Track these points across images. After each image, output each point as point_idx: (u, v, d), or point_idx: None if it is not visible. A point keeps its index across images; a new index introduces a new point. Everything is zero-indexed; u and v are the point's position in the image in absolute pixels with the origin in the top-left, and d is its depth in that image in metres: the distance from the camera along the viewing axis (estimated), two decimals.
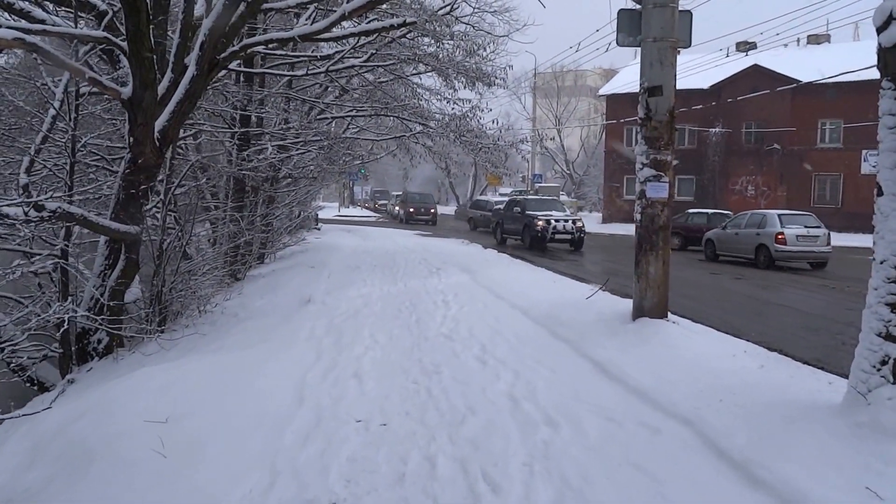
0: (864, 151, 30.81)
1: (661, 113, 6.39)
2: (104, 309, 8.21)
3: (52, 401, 6.37)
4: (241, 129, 12.04)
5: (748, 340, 7.09)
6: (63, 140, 8.17)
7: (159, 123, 7.80)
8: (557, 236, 21.16)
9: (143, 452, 4.09)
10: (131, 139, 7.49)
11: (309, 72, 8.94)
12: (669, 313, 6.87)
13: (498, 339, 7.07)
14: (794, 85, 30.19)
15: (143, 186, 8.24)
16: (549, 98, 51.43)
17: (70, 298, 8.25)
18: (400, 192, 51.18)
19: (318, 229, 29.17)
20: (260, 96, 13.75)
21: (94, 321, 7.95)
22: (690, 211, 25.31)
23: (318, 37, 7.41)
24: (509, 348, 6.68)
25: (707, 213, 24.44)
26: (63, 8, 8.49)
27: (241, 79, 12.72)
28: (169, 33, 8.38)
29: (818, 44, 35.29)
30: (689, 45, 6.55)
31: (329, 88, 16.77)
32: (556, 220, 21.15)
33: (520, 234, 22.14)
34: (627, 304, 7.97)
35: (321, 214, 34.60)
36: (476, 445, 4.20)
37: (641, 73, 6.47)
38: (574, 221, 21.59)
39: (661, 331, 6.37)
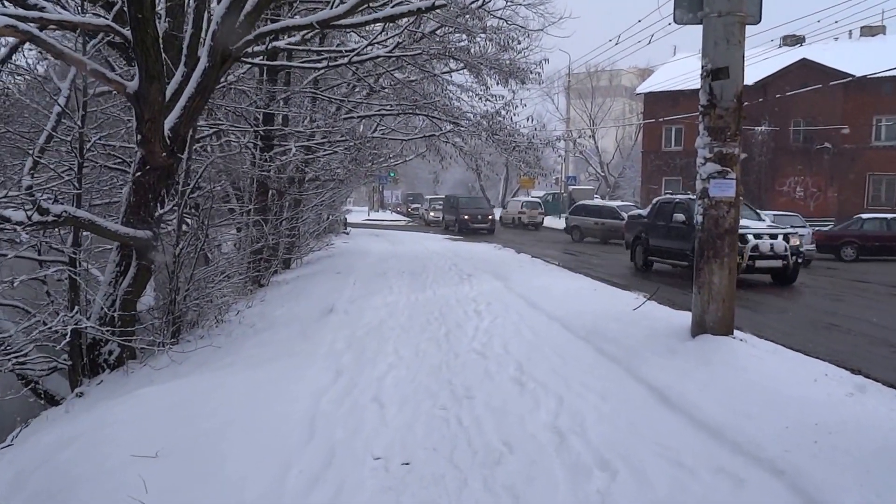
0: None
1: (728, 99, 5.58)
2: (115, 319, 7.77)
3: (13, 437, 5.84)
4: (264, 128, 11.53)
5: (822, 359, 6.23)
6: (69, 139, 7.72)
7: (170, 121, 7.29)
8: (762, 263, 12.77)
9: (123, 495, 3.50)
10: (139, 137, 6.98)
11: (331, 64, 8.35)
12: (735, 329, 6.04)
13: (536, 357, 6.34)
14: (847, 80, 28.71)
15: (156, 189, 7.77)
16: (583, 98, 50.28)
17: (78, 308, 7.79)
18: (434, 196, 48.11)
19: (347, 233, 28.77)
20: (283, 95, 13.29)
21: (103, 332, 7.49)
22: (864, 216, 21.79)
23: (339, 22, 6.79)
24: (550, 368, 5.94)
25: (886, 218, 21.19)
26: None
27: (265, 76, 12.25)
28: (186, 26, 7.89)
29: (872, 35, 33.54)
30: (759, 21, 5.73)
31: (357, 88, 16.26)
32: (763, 236, 12.81)
33: (685, 255, 13.13)
34: (682, 317, 7.15)
35: (350, 218, 34.26)
36: (516, 496, 3.48)
37: (703, 53, 5.68)
38: (787, 237, 12.96)
39: (727, 350, 5.56)
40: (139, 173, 7.53)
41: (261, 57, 9.37)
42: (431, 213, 41.37)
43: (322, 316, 8.58)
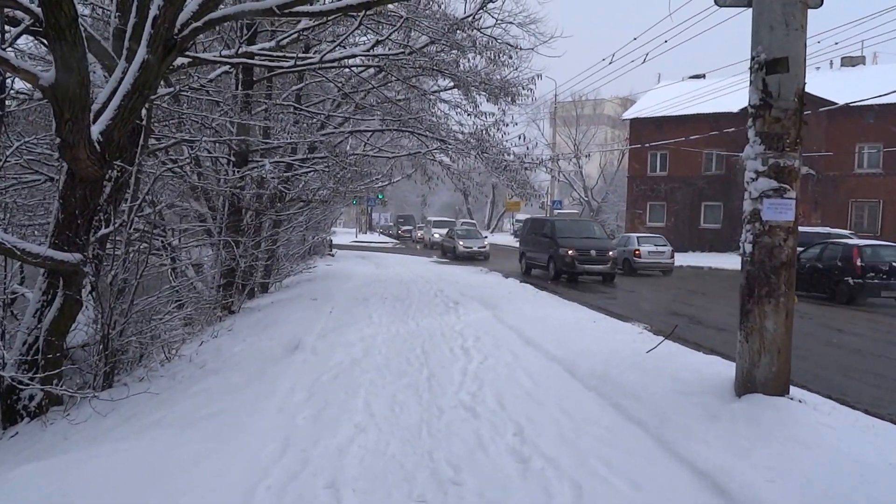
0: None
1: (787, 98, 4.23)
2: (38, 358, 6.24)
3: None
4: (236, 138, 10.09)
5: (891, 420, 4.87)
6: None
7: (101, 123, 5.84)
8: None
9: None
10: (58, 141, 5.52)
11: (298, 64, 6.98)
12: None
13: (540, 417, 4.88)
14: (830, 107, 27.91)
15: (86, 204, 6.28)
16: (568, 126, 49.53)
17: None
18: (439, 218, 43.57)
19: (333, 255, 27.24)
20: (261, 108, 11.89)
21: (16, 378, 5.94)
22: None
23: (302, 9, 5.43)
24: (558, 434, 4.49)
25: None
26: None
27: (240, 85, 10.85)
28: (129, 14, 6.49)
29: (853, 66, 32.90)
30: (821, 4, 4.43)
31: (342, 106, 14.91)
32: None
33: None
34: (713, 365, 5.75)
35: (337, 240, 32.75)
36: None
37: (754, 42, 4.35)
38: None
39: (789, 417, 4.14)
40: (66, 185, 6.08)
41: (217, 54, 7.97)
42: (436, 236, 35.74)
43: (286, 354, 7.08)
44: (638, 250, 21.55)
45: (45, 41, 5.45)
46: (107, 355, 6.35)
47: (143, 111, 7.47)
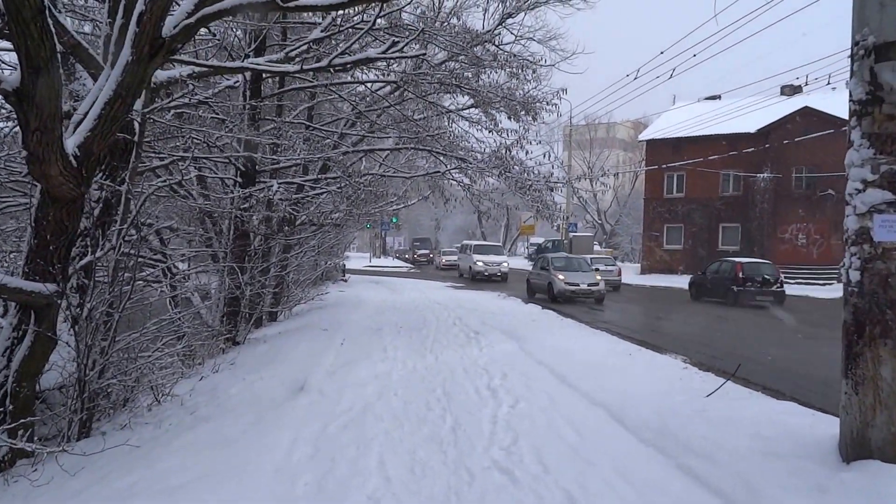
0: None
1: None
2: (6, 401, 5.39)
3: None
4: (241, 154, 9.32)
5: None
6: None
7: (79, 134, 5.04)
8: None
9: None
10: (25, 155, 4.74)
11: (304, 67, 6.20)
12: None
13: (593, 483, 3.92)
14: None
15: (63, 228, 5.47)
16: (581, 149, 48.86)
17: None
18: (481, 242, 35.36)
19: (345, 281, 26.41)
20: (269, 126, 11.16)
21: None
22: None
23: (303, 1, 4.64)
24: None
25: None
26: None
27: (247, 96, 10.10)
28: (116, 15, 5.76)
29: None
30: None
31: (356, 125, 14.18)
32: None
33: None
34: (794, 413, 4.76)
35: (350, 265, 31.96)
36: None
37: (858, 23, 3.47)
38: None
39: None
40: (39, 206, 5.29)
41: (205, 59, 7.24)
42: (479, 264, 27.45)
43: (289, 396, 6.16)
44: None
45: (9, 39, 4.70)
46: (83, 400, 5.46)
47: (136, 126, 6.75)
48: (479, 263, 26.80)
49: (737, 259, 20.97)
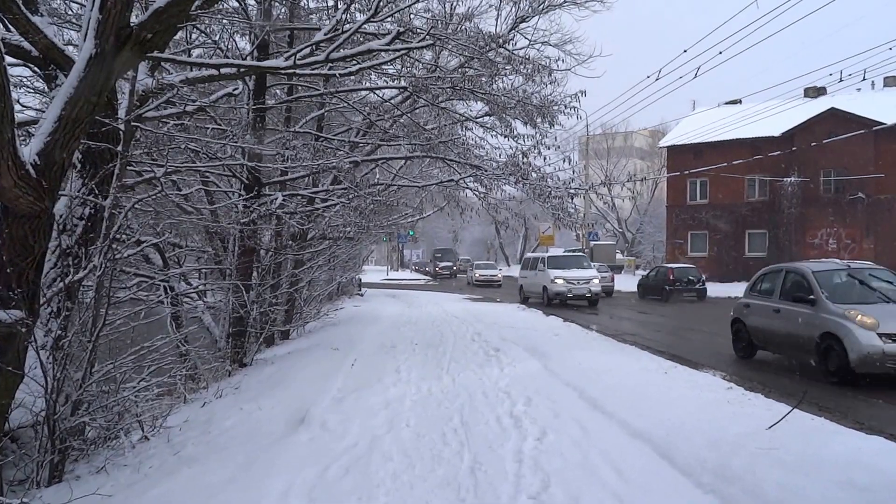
0: None
1: None
2: None
3: None
4: (245, 163, 8.69)
5: None
6: None
7: (39, 139, 4.39)
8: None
9: None
10: None
11: (298, 62, 5.52)
12: None
13: None
14: (879, 127, 25.70)
15: (27, 246, 4.82)
16: (598, 157, 47.93)
17: None
18: (554, 253, 25.24)
19: (361, 295, 25.77)
20: (276, 136, 10.55)
21: None
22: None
23: None
24: None
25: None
26: None
27: (251, 101, 9.50)
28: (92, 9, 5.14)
29: None
30: None
31: (367, 135, 13.55)
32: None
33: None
34: (887, 452, 3.88)
35: (366, 278, 31.33)
36: None
37: None
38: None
39: None
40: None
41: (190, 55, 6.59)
42: (558, 282, 19.89)
43: (288, 430, 5.42)
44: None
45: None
46: (54, 440, 4.77)
47: (121, 135, 6.13)
48: (559, 282, 19.80)
49: (668, 265, 26.94)
